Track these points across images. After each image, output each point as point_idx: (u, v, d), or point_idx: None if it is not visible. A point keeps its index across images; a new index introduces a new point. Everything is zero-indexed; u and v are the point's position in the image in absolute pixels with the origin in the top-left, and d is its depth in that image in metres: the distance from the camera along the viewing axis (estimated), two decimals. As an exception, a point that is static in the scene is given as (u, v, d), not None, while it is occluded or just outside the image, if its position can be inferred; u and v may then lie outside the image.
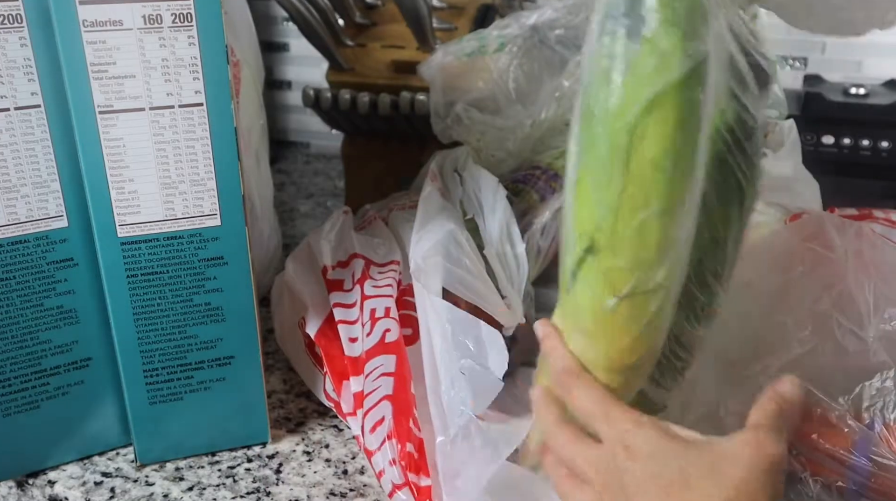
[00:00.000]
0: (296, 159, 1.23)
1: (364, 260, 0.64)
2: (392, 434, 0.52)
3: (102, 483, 0.56)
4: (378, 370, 0.55)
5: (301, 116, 1.25)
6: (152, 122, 0.50)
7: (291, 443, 0.60)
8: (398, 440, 0.52)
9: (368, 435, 0.54)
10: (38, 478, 0.56)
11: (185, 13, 0.48)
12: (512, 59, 0.75)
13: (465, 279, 0.56)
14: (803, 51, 1.02)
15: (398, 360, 0.55)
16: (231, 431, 0.58)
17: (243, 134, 0.69)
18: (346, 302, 0.62)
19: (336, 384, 0.59)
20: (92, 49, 0.47)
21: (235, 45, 0.68)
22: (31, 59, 0.48)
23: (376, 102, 0.81)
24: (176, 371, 0.55)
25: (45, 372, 0.54)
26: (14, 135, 0.49)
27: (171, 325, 0.54)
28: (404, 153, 0.87)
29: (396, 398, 0.54)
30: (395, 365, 0.55)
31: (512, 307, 0.58)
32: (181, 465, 0.57)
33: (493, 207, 0.64)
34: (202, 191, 0.52)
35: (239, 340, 0.56)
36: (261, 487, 0.55)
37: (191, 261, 0.53)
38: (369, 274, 0.63)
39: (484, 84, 0.75)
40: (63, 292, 0.53)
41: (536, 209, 0.67)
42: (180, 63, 0.49)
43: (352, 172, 0.92)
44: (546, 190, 0.68)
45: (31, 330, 0.53)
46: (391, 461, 0.52)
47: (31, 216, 0.51)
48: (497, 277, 0.59)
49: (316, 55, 0.86)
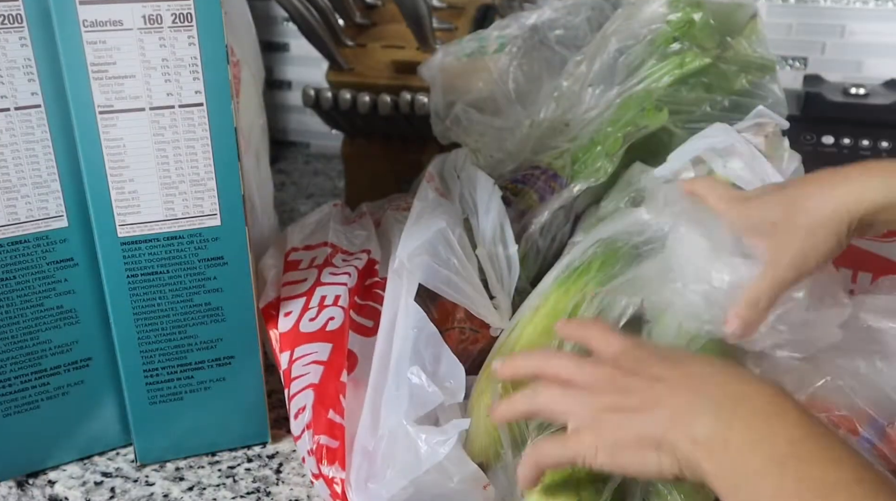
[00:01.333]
0: (296, 159, 1.23)
1: (332, 248, 0.64)
2: (310, 425, 0.52)
3: (102, 483, 0.56)
4: (310, 357, 0.55)
5: (301, 116, 1.25)
6: (152, 122, 0.50)
7: (291, 443, 0.59)
8: (315, 431, 0.52)
9: (293, 421, 0.54)
10: (38, 478, 0.56)
11: (185, 13, 0.48)
12: (512, 60, 0.75)
13: (450, 280, 0.56)
14: (803, 51, 1.02)
15: (334, 348, 0.55)
16: (231, 431, 0.58)
17: (243, 134, 0.69)
18: (295, 279, 0.61)
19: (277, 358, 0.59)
20: (92, 49, 0.47)
21: (235, 46, 0.68)
22: (31, 59, 0.48)
23: (376, 102, 0.81)
24: (176, 371, 0.55)
25: (45, 372, 0.54)
26: (14, 135, 0.49)
27: (171, 325, 0.54)
28: (404, 154, 0.88)
29: (322, 387, 0.53)
30: (328, 354, 0.55)
31: (500, 308, 0.58)
32: (181, 465, 0.57)
33: (488, 207, 0.64)
34: (202, 191, 0.52)
35: (239, 340, 0.56)
36: (261, 487, 0.55)
37: (191, 261, 0.53)
38: (332, 262, 0.63)
39: (484, 85, 0.75)
40: (63, 292, 0.53)
41: (535, 209, 0.67)
42: (180, 63, 0.49)
43: (352, 172, 0.92)
44: (545, 190, 0.68)
45: (31, 330, 0.53)
46: (308, 451, 0.52)
47: (32, 216, 0.51)
48: (487, 277, 0.59)
49: (316, 55, 0.86)
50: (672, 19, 0.68)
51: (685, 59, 0.67)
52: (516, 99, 0.75)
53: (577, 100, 0.71)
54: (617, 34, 0.70)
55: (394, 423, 0.49)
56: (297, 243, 0.66)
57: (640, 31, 0.69)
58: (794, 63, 1.04)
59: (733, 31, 0.70)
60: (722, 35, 0.69)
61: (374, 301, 0.59)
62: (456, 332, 0.55)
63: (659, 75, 0.67)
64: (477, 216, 0.64)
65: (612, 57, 0.70)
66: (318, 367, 0.54)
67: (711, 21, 0.68)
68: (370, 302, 0.59)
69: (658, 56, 0.68)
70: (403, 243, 0.58)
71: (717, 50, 0.68)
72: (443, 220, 0.60)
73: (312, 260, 0.63)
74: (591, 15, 0.78)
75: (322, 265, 0.62)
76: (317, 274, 0.61)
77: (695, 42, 0.67)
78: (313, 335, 0.56)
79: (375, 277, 0.61)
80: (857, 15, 0.99)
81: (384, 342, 0.54)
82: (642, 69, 0.68)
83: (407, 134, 0.86)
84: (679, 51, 0.67)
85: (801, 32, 1.02)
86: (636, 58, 0.68)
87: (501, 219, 0.62)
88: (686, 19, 0.68)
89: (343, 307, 0.57)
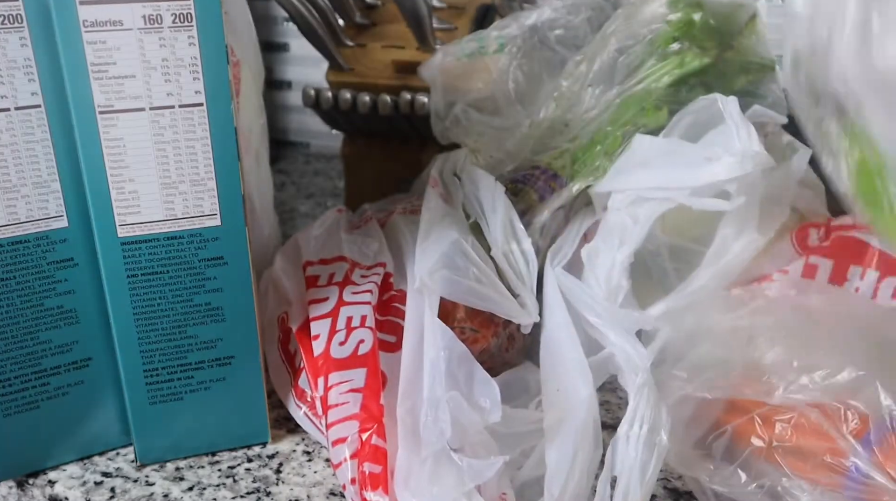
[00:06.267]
0: (296, 159, 1.23)
1: (349, 263, 0.64)
2: (356, 454, 0.51)
3: (102, 483, 0.56)
4: (346, 385, 0.54)
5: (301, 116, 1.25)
6: (152, 122, 0.50)
7: (291, 443, 0.60)
8: (360, 460, 0.51)
9: (331, 448, 0.53)
10: (38, 478, 0.56)
11: (185, 13, 0.48)
12: (511, 60, 0.75)
13: (474, 289, 0.56)
14: (803, 51, 1.02)
15: (368, 372, 0.54)
16: (231, 431, 0.58)
17: (243, 134, 0.69)
18: (318, 298, 0.61)
19: (313, 382, 0.58)
20: (92, 49, 0.47)
21: (235, 46, 0.68)
22: (31, 60, 0.48)
23: (376, 102, 0.81)
24: (176, 371, 0.55)
25: (45, 372, 0.54)
26: (14, 135, 0.49)
27: (171, 325, 0.54)
28: (404, 154, 0.88)
29: (363, 415, 0.53)
30: (364, 379, 0.54)
31: (526, 306, 0.58)
32: (181, 465, 0.57)
33: (494, 205, 0.64)
34: (202, 191, 0.52)
35: (239, 340, 0.56)
36: (261, 487, 0.55)
37: (191, 261, 0.53)
38: (351, 279, 0.62)
39: (483, 85, 0.75)
40: (63, 292, 0.53)
41: (535, 209, 0.67)
42: (180, 63, 0.49)
43: (352, 172, 0.92)
44: (545, 190, 0.68)
45: (31, 330, 0.53)
46: (351, 479, 0.51)
47: (31, 216, 0.51)
48: (507, 276, 0.59)
49: (316, 55, 0.86)
50: (672, 19, 0.68)
51: (685, 59, 0.67)
52: (516, 99, 0.75)
53: (577, 100, 0.71)
54: (617, 34, 0.70)
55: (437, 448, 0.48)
56: (311, 255, 0.66)
57: (640, 31, 0.69)
58: (793, 63, 1.03)
59: (733, 31, 0.70)
60: (722, 35, 0.69)
61: (394, 316, 0.59)
62: (456, 332, 0.55)
63: (659, 75, 0.67)
64: (485, 217, 0.64)
65: (612, 57, 0.70)
66: (357, 395, 0.54)
67: (711, 21, 0.68)
68: (390, 317, 0.59)
69: (658, 56, 0.68)
70: (420, 261, 0.58)
71: (717, 50, 0.68)
72: (454, 230, 0.59)
73: (331, 276, 0.63)
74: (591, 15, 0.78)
75: (342, 283, 0.61)
76: (338, 292, 0.60)
77: (695, 42, 0.67)
78: (346, 362, 0.55)
79: (392, 290, 0.61)
80: (857, 15, 0.99)
81: (411, 363, 0.54)
82: (642, 69, 0.68)
83: (407, 134, 0.86)
84: (679, 51, 0.67)
85: (801, 32, 1.02)
86: (636, 58, 0.68)
87: (510, 215, 0.62)
88: (686, 19, 0.68)
89: (371, 328, 0.57)
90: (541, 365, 0.56)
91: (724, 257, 0.55)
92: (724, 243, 0.55)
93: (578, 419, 0.51)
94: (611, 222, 0.58)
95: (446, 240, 0.58)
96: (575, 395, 0.52)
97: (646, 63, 0.68)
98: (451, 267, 0.56)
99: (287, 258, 0.68)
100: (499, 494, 0.49)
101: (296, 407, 0.60)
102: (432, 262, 0.57)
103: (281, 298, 0.65)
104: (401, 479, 0.50)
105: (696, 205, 0.54)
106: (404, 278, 0.62)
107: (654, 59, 0.68)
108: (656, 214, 0.56)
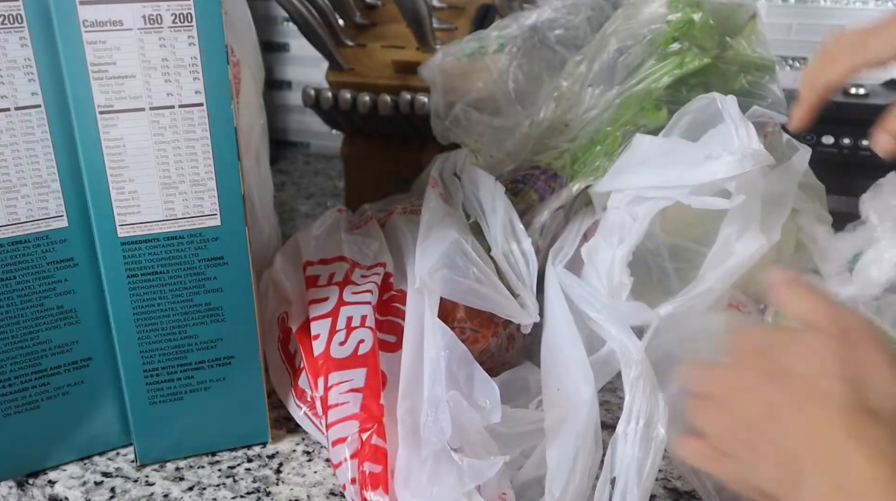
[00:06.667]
0: (296, 159, 1.23)
1: (349, 263, 0.64)
2: (356, 454, 0.52)
3: (103, 483, 0.56)
4: (346, 384, 0.54)
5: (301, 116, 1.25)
6: (152, 122, 0.50)
7: (291, 443, 0.60)
8: (360, 460, 0.51)
9: (331, 448, 0.53)
10: (39, 478, 0.56)
11: (185, 13, 0.48)
12: (511, 60, 0.75)
13: (474, 289, 0.56)
14: (803, 51, 1.02)
15: (368, 372, 0.55)
16: (231, 431, 0.58)
17: (243, 134, 0.69)
18: (318, 298, 0.61)
19: (313, 382, 0.58)
20: (92, 49, 0.47)
21: (235, 46, 0.68)
22: (31, 60, 0.48)
23: (376, 102, 0.81)
24: (176, 371, 0.55)
25: (45, 372, 0.54)
26: (14, 135, 0.49)
27: (171, 325, 0.54)
28: (404, 153, 0.88)
29: (363, 415, 0.53)
30: (364, 379, 0.54)
31: (526, 306, 0.58)
32: (181, 465, 0.57)
33: (494, 205, 0.64)
34: (202, 191, 0.52)
35: (239, 340, 0.56)
36: (261, 487, 0.55)
37: (191, 261, 0.53)
38: (351, 279, 0.62)
39: (483, 85, 0.75)
40: (63, 292, 0.53)
41: (535, 209, 0.67)
42: (180, 63, 0.49)
43: (352, 172, 0.92)
44: (545, 190, 0.68)
45: (31, 330, 0.53)
46: (351, 479, 0.51)
47: (32, 216, 0.51)
48: (507, 276, 0.59)
49: (316, 55, 0.86)
50: (672, 19, 0.68)
51: (685, 60, 0.67)
52: (516, 99, 0.75)
53: (577, 100, 0.71)
54: (617, 34, 0.70)
55: (438, 448, 0.49)
56: (311, 256, 0.66)
57: (639, 31, 0.69)
58: (794, 63, 1.04)
59: (733, 31, 0.70)
60: (722, 35, 0.69)
61: (393, 316, 0.59)
62: (456, 332, 0.55)
63: (659, 75, 0.67)
64: (485, 217, 0.64)
65: (612, 57, 0.70)
66: (357, 395, 0.54)
67: (711, 21, 0.68)
68: (390, 317, 0.59)
69: (658, 56, 0.68)
70: (420, 260, 0.58)
71: (716, 50, 0.68)
72: (454, 230, 0.59)
73: (331, 276, 0.63)
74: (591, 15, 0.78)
75: (342, 283, 0.61)
76: (338, 292, 0.61)
77: (694, 42, 0.68)
78: (346, 362, 0.56)
79: (392, 290, 0.61)
80: (857, 15, 0.99)
81: (411, 363, 0.54)
82: (642, 69, 0.68)
83: (407, 134, 0.86)
84: (679, 51, 0.67)
85: (801, 32, 1.02)
86: (636, 58, 0.69)
87: (510, 215, 0.62)
88: (686, 19, 0.68)
89: (371, 328, 0.57)
90: (541, 364, 0.56)
91: (729, 258, 0.55)
92: (726, 243, 0.55)
93: (580, 419, 0.51)
94: (610, 220, 0.58)
95: (446, 240, 0.58)
96: (576, 395, 0.52)
97: (646, 63, 0.68)
98: (451, 267, 0.56)
99: (287, 258, 0.68)
100: (499, 494, 0.49)
101: (296, 407, 0.60)
102: (432, 262, 0.57)
103: (281, 298, 0.65)
104: (401, 479, 0.50)
105: (696, 203, 0.54)
106: (404, 278, 0.62)
107: (654, 60, 0.68)
108: (655, 210, 0.56)
